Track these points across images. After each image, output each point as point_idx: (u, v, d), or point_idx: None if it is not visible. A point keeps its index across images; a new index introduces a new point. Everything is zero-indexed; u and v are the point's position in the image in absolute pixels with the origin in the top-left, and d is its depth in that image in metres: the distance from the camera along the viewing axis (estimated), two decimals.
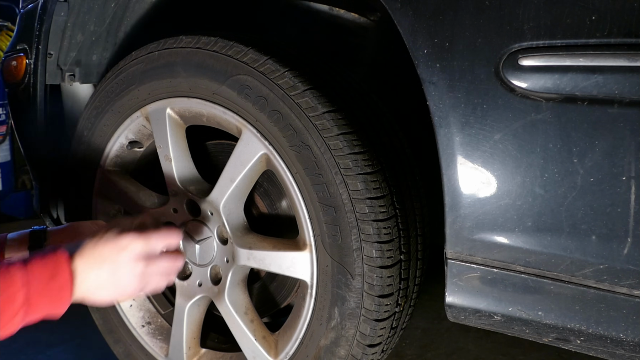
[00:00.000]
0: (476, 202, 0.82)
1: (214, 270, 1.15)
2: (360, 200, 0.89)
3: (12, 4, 3.21)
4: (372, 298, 0.92)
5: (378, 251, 0.90)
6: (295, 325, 1.02)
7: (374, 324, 0.94)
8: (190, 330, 1.20)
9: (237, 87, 0.98)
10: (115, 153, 1.24)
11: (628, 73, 0.71)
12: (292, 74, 0.93)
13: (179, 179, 1.13)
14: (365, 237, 0.90)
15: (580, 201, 0.75)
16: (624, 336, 0.77)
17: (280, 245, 1.02)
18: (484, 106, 0.78)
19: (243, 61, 0.97)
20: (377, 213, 0.90)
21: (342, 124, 0.91)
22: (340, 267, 0.93)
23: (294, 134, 0.93)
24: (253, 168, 1.02)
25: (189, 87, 1.05)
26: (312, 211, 0.94)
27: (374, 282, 0.91)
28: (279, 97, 0.94)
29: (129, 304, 1.31)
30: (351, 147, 0.90)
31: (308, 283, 0.98)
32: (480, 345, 1.56)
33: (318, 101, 0.92)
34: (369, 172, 0.90)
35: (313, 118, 0.91)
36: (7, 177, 2.70)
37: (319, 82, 0.95)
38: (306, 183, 0.94)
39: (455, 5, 0.79)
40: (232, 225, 1.07)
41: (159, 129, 1.13)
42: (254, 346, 1.07)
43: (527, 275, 0.81)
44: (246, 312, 1.10)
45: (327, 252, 0.94)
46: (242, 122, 1.00)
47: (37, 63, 1.29)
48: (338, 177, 0.90)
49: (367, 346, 0.96)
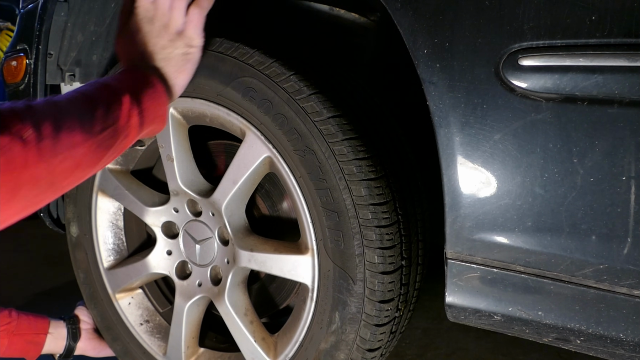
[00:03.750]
0: (476, 202, 0.82)
1: (214, 271, 1.15)
2: (364, 206, 0.89)
3: (12, 4, 3.21)
4: (373, 303, 0.92)
5: (380, 257, 0.90)
6: (295, 328, 1.02)
7: (374, 329, 0.94)
8: (189, 330, 1.20)
9: (242, 89, 0.98)
10: None
11: (628, 73, 0.71)
12: (297, 78, 0.93)
13: (181, 178, 1.13)
14: (368, 242, 0.90)
15: (580, 201, 0.75)
16: (624, 336, 0.77)
17: (282, 249, 1.02)
18: (484, 106, 0.79)
19: (249, 63, 0.96)
20: (380, 219, 0.90)
21: (347, 129, 0.91)
22: (342, 272, 0.93)
23: (298, 138, 0.93)
24: (256, 170, 1.02)
25: (192, 87, 1.05)
26: (314, 216, 0.94)
27: (376, 288, 0.91)
28: (284, 100, 0.93)
29: (127, 302, 1.31)
30: (355, 153, 0.90)
31: (309, 287, 0.98)
32: (480, 345, 1.56)
33: (323, 106, 0.91)
34: (372, 178, 0.90)
35: (318, 123, 0.91)
36: None
37: (325, 87, 0.94)
38: (310, 187, 0.93)
39: (455, 5, 0.79)
40: (233, 226, 1.07)
41: None
42: (253, 347, 1.07)
43: (527, 275, 0.81)
44: (246, 313, 1.10)
45: (329, 256, 0.94)
46: (246, 125, 1.00)
47: (37, 63, 1.29)
48: (342, 183, 0.90)
49: (366, 350, 0.96)
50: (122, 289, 1.30)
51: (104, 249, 1.32)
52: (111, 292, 1.30)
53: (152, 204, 1.21)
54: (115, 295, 1.30)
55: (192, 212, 1.16)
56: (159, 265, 1.23)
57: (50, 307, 1.84)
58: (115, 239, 1.33)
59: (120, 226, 1.33)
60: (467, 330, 1.63)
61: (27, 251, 2.38)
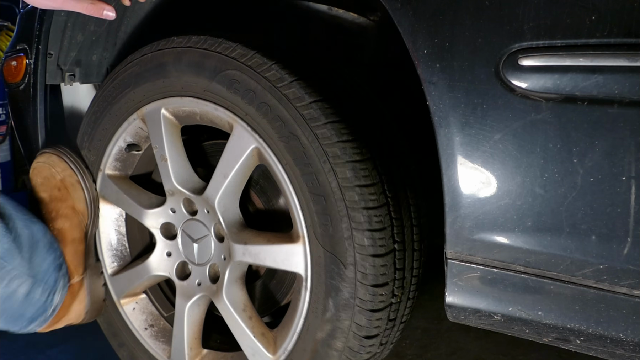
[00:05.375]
0: (476, 202, 0.82)
1: (213, 269, 1.15)
2: (350, 188, 0.90)
3: (12, 4, 3.21)
4: (366, 287, 0.92)
5: (370, 239, 0.90)
6: (293, 320, 1.03)
7: (370, 315, 0.94)
8: (192, 331, 1.20)
9: (227, 82, 0.99)
10: (114, 157, 1.24)
11: (628, 73, 0.71)
12: (279, 67, 0.95)
13: (175, 178, 1.13)
14: (356, 225, 0.90)
15: (580, 201, 0.75)
16: (624, 336, 0.77)
17: (275, 239, 1.03)
18: (484, 106, 0.79)
19: (232, 57, 0.98)
20: (367, 201, 0.90)
21: (330, 112, 0.92)
22: (332, 257, 0.93)
23: (282, 125, 0.94)
24: (245, 163, 1.03)
25: (181, 86, 1.06)
26: (303, 202, 0.95)
27: (367, 271, 0.91)
28: (266, 89, 0.95)
29: (132, 307, 1.31)
30: (339, 135, 0.91)
31: (303, 276, 0.99)
32: (480, 345, 1.56)
33: (305, 91, 0.93)
34: (357, 160, 0.91)
35: (300, 108, 0.92)
36: (7, 177, 2.69)
37: (306, 73, 0.96)
38: (296, 174, 0.94)
39: (455, 5, 0.79)
40: (227, 221, 1.08)
41: (154, 130, 1.14)
42: (252, 343, 1.07)
43: (527, 275, 0.81)
44: (244, 309, 1.11)
45: (319, 242, 0.94)
46: (233, 117, 1.01)
47: (37, 63, 1.29)
48: (326, 166, 0.91)
49: (363, 338, 0.95)
50: (126, 295, 1.30)
51: (107, 256, 1.32)
52: (116, 298, 1.31)
53: (150, 206, 1.21)
54: (120, 301, 1.30)
55: (188, 212, 1.16)
56: (159, 267, 1.24)
57: None
58: (118, 244, 1.33)
59: (122, 232, 1.34)
60: (467, 330, 1.63)
61: None
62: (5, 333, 1.14)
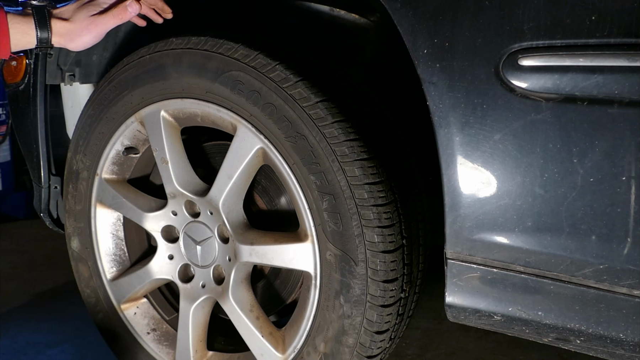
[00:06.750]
0: (476, 202, 0.82)
1: (217, 271, 1.15)
2: (359, 186, 0.90)
3: (12, 4, 3.21)
4: (377, 284, 0.92)
5: (380, 236, 0.91)
6: (302, 319, 1.03)
7: (381, 310, 0.94)
8: (196, 333, 1.19)
9: (230, 83, 0.99)
10: (111, 160, 1.24)
11: (628, 73, 0.71)
12: (283, 67, 0.95)
13: (177, 180, 1.13)
14: (366, 222, 0.91)
15: (580, 201, 0.75)
16: (624, 336, 0.77)
17: (282, 239, 1.03)
18: (484, 106, 0.79)
19: (234, 58, 0.98)
20: (376, 198, 0.91)
21: (336, 112, 0.92)
22: (343, 255, 0.93)
23: (288, 125, 0.94)
24: (250, 164, 1.02)
25: (181, 87, 1.06)
26: (311, 201, 0.95)
27: (378, 268, 0.92)
28: (271, 89, 0.95)
29: (133, 312, 1.31)
30: (346, 134, 0.91)
31: (312, 274, 0.99)
32: (480, 345, 1.56)
33: (311, 91, 0.93)
34: (365, 158, 0.91)
35: (307, 108, 0.92)
36: (7, 177, 2.69)
37: (310, 74, 0.96)
38: (304, 173, 0.94)
39: (455, 5, 0.79)
40: (232, 222, 1.08)
41: (154, 132, 1.13)
42: (261, 343, 1.07)
43: (527, 275, 0.81)
44: (251, 309, 1.10)
45: (329, 240, 0.94)
46: (237, 118, 1.01)
47: (37, 63, 1.29)
48: (335, 165, 0.91)
49: (375, 333, 0.96)
50: (127, 299, 1.29)
51: (106, 261, 1.31)
52: (116, 303, 1.30)
53: (150, 210, 1.21)
54: (120, 306, 1.30)
55: (190, 214, 1.16)
56: (161, 271, 1.23)
57: (51, 307, 1.84)
58: (116, 249, 1.32)
59: (120, 236, 1.33)
60: (467, 330, 1.63)
61: (27, 251, 2.38)
62: (5, 333, 1.14)
